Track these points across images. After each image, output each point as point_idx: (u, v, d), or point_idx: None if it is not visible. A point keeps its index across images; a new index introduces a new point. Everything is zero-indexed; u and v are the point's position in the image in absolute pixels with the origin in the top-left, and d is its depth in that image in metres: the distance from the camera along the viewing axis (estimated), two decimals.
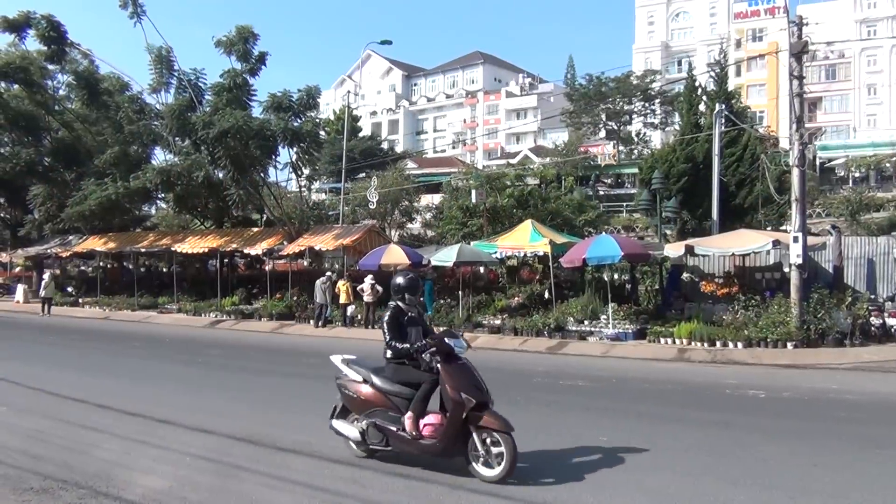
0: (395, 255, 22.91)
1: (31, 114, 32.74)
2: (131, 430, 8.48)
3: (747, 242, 18.01)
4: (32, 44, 31.36)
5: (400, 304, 7.08)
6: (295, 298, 26.04)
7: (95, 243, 32.08)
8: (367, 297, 22.05)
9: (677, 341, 17.05)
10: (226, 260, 31.08)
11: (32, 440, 8.07)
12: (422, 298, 22.30)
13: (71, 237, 34.15)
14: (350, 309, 22.71)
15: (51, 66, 32.73)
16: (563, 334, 18.71)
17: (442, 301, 23.07)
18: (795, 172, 17.03)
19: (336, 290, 23.03)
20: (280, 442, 7.92)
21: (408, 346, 6.77)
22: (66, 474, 6.77)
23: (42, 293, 29.48)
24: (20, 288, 34.83)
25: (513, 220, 29.09)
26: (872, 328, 16.54)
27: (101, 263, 34.72)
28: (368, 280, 22.11)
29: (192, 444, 7.88)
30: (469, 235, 29.37)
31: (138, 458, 7.38)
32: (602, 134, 63.44)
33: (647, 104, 61.63)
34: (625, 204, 48.64)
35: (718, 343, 16.53)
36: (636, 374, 13.26)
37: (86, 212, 30.20)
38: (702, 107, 32.75)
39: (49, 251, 34.18)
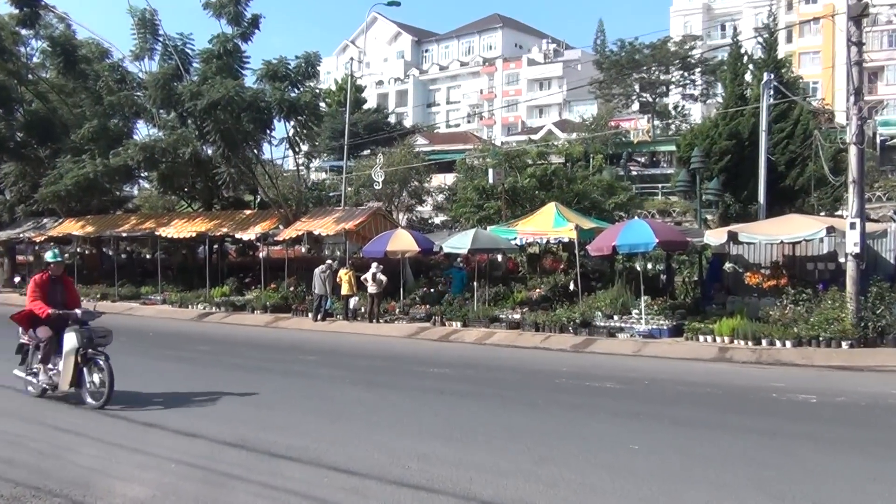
0: (402, 241, 22.93)
1: (1, 84, 32.85)
2: (111, 433, 8.54)
3: (798, 229, 17.85)
4: (3, 7, 31.56)
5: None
6: (291, 289, 26.16)
7: (72, 227, 32.29)
8: (371, 288, 22.11)
9: (718, 339, 16.98)
10: (215, 246, 31.23)
11: (2, 443, 8.16)
12: (449, 289, 22.64)
13: (45, 220, 34.43)
14: (353, 301, 22.79)
15: (23, 32, 32.86)
16: (590, 330, 18.68)
17: (447, 294, 23.11)
18: (853, 151, 16.80)
19: (337, 279, 23.11)
20: (274, 447, 7.94)
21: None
22: (40, 481, 6.82)
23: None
24: None
25: (534, 202, 29.02)
26: None
27: (78, 249, 34.90)
28: (373, 269, 22.16)
29: (177, 448, 7.92)
30: (485, 220, 29.37)
31: (118, 463, 7.42)
32: (635, 107, 62.98)
33: (686, 74, 61.10)
34: (660, 185, 48.38)
35: (764, 342, 16.44)
36: (671, 376, 13.22)
37: (61, 192, 30.41)
38: (748, 77, 32.41)
39: (21, 235, 34.41)
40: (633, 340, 17.73)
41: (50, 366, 10.20)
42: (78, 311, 10.21)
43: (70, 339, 9.95)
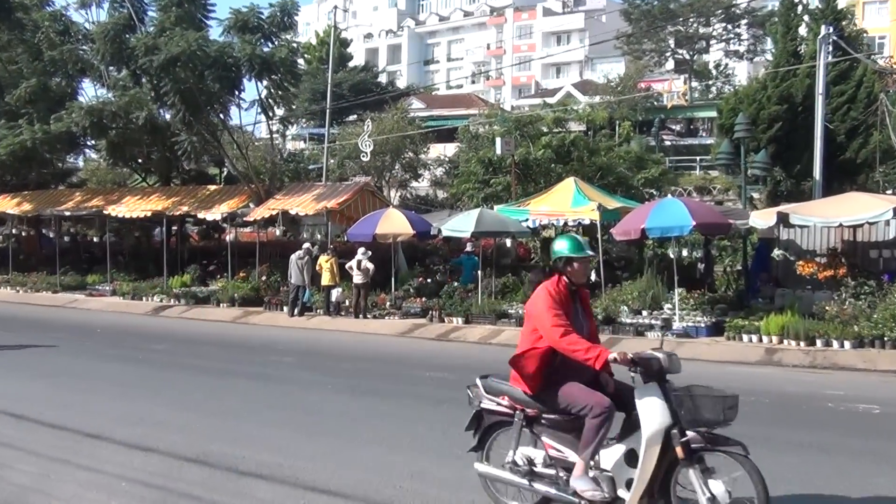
0: (394, 223, 22.91)
1: None
2: (52, 447, 8.55)
3: (860, 210, 17.77)
4: None
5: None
6: (264, 278, 26.16)
7: (6, 204, 32.27)
8: (357, 278, 22.11)
9: (765, 339, 16.99)
10: (174, 227, 31.26)
11: None
12: (459, 279, 22.64)
13: None
14: (335, 293, 22.81)
15: None
16: (614, 328, 18.69)
17: (456, 283, 23.14)
18: None
19: (317, 267, 23.10)
20: (243, 464, 7.95)
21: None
22: None
23: None
24: None
25: (550, 177, 28.97)
26: None
27: (13, 231, 34.87)
28: (359, 255, 22.15)
29: (129, 464, 7.93)
30: (492, 198, 29.34)
31: (61, 481, 7.43)
32: (669, 65, 62.79)
33: (729, 27, 60.83)
34: (698, 158, 48.30)
35: (819, 342, 16.44)
36: (710, 381, 13.10)
37: None
38: (802, 30, 32.28)
39: None
40: (666, 340, 17.70)
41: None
42: None
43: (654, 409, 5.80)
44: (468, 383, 7.06)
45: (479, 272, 22.01)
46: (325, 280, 22.82)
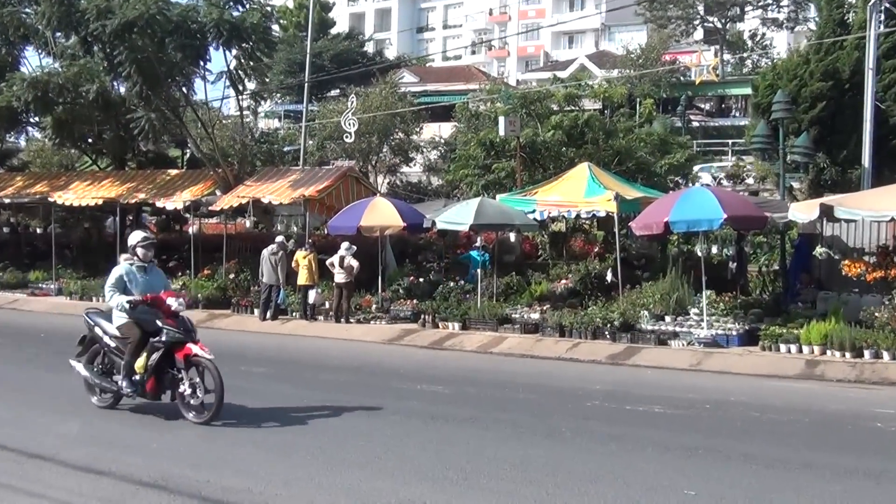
0: (382, 214, 22.92)
1: None
2: None
3: None
4: None
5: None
6: (232, 276, 26.14)
7: None
8: (338, 277, 22.11)
9: (805, 349, 17.02)
10: (129, 217, 31.14)
11: None
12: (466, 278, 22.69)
13: None
14: (313, 294, 22.80)
15: None
16: (633, 336, 18.71)
17: (452, 284, 23.15)
18: None
19: (293, 264, 23.09)
20: (207, 489, 7.96)
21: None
22: None
23: None
24: None
25: (560, 163, 28.98)
26: None
27: None
28: (342, 251, 22.14)
29: (78, 489, 7.94)
30: (494, 185, 29.36)
31: None
32: (698, 35, 62.85)
33: None
34: (730, 142, 48.40)
35: (867, 353, 16.45)
36: (742, 398, 13.26)
37: None
38: None
39: None
40: (691, 350, 17.76)
41: None
42: None
43: None
44: (466, 398, 7.07)
45: (479, 271, 22.04)
46: (303, 279, 22.79)
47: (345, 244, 22.32)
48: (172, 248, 30.70)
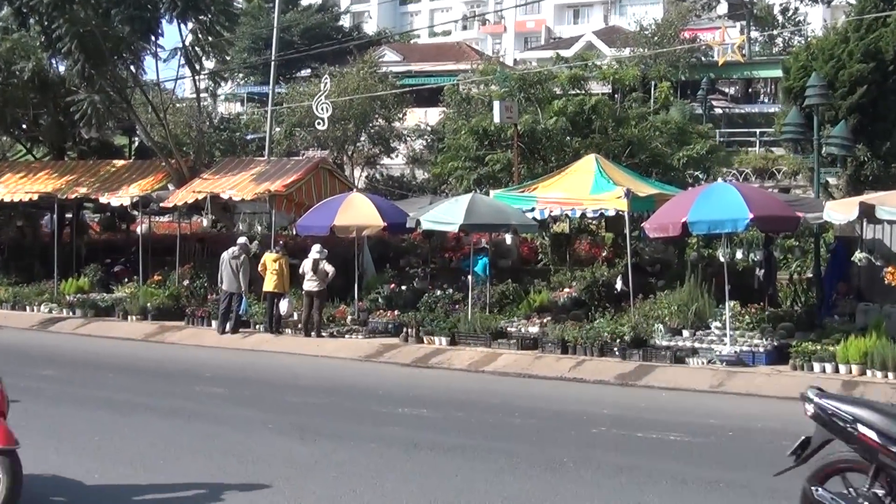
0: (359, 212, 22.88)
1: None
2: None
3: None
4: None
5: None
6: (186, 283, 26.05)
7: None
8: (309, 284, 22.04)
9: (842, 368, 17.04)
10: (69, 215, 31.02)
11: None
12: (468, 278, 22.67)
13: None
14: (285, 304, 22.67)
15: None
16: (646, 353, 18.70)
17: (440, 292, 23.15)
18: None
19: (261, 267, 23.04)
20: None
21: None
22: None
23: None
24: None
25: (564, 154, 28.96)
26: None
27: None
28: (313, 254, 22.10)
29: None
30: (488, 180, 29.29)
31: None
32: (722, 9, 63.00)
33: None
34: (758, 131, 48.46)
35: None
36: (770, 424, 13.26)
37: None
38: None
39: None
40: (713, 369, 17.75)
41: None
42: None
43: None
44: (454, 423, 7.09)
45: (470, 278, 22.02)
46: (270, 285, 22.70)
47: (316, 247, 22.22)
48: (118, 250, 30.61)
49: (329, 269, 21.97)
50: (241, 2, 44.78)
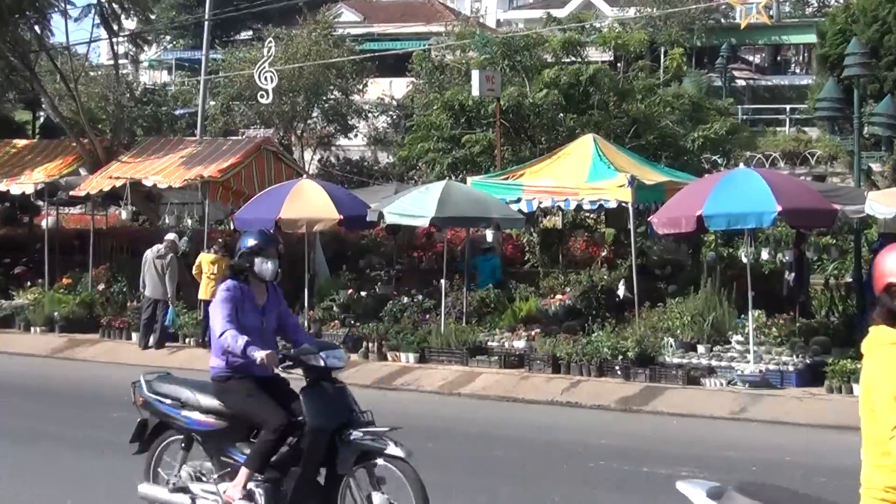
0: (310, 203, 22.88)
1: None
2: None
3: None
4: None
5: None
6: (101, 288, 25.93)
7: None
8: None
9: None
10: None
11: None
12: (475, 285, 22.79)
13: None
14: None
15: None
16: (654, 372, 18.78)
17: (406, 299, 23.15)
18: None
19: (195, 270, 22.99)
20: None
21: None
22: None
23: None
24: None
25: (556, 134, 29.01)
26: None
27: None
28: None
29: None
30: (465, 165, 29.30)
31: None
32: None
33: None
34: (787, 107, 48.67)
35: None
36: (802, 457, 13.36)
37: None
38: None
39: None
40: (733, 391, 17.85)
41: None
42: None
43: None
44: (422, 456, 7.22)
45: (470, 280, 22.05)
46: (205, 292, 22.58)
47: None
48: (19, 247, 30.45)
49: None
50: None
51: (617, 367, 19.03)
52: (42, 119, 35.07)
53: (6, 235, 33.58)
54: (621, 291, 21.66)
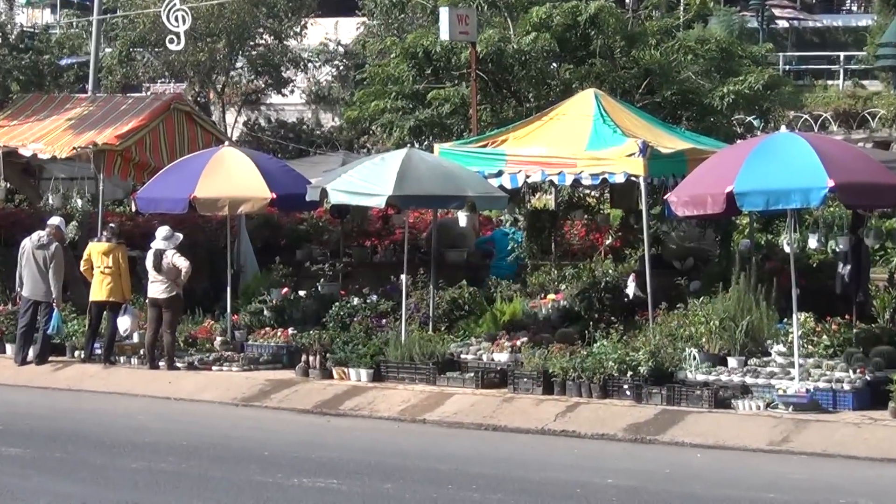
0: (233, 177, 22.94)
1: None
2: None
3: None
4: None
5: None
6: None
7: None
8: (152, 287, 22.02)
9: None
10: None
11: None
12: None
13: None
14: (126, 320, 22.57)
15: None
16: (673, 392, 18.72)
17: (357, 300, 23.12)
18: None
19: (84, 264, 22.92)
20: None
21: None
22: None
23: None
24: None
25: (547, 89, 28.99)
26: None
27: None
28: (160, 240, 22.02)
29: None
30: (432, 128, 29.24)
31: None
32: None
33: None
34: (841, 55, 48.80)
35: None
36: (862, 500, 13.34)
37: None
38: None
39: None
40: (773, 416, 17.77)
41: None
42: None
43: None
44: (376, 499, 7.21)
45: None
46: (101, 292, 22.59)
47: (162, 231, 22.11)
48: None
49: (182, 264, 21.80)
50: None
51: (626, 386, 18.94)
52: None
53: None
54: (631, 290, 21.61)
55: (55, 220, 23.63)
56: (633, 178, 21.08)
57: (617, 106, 23.06)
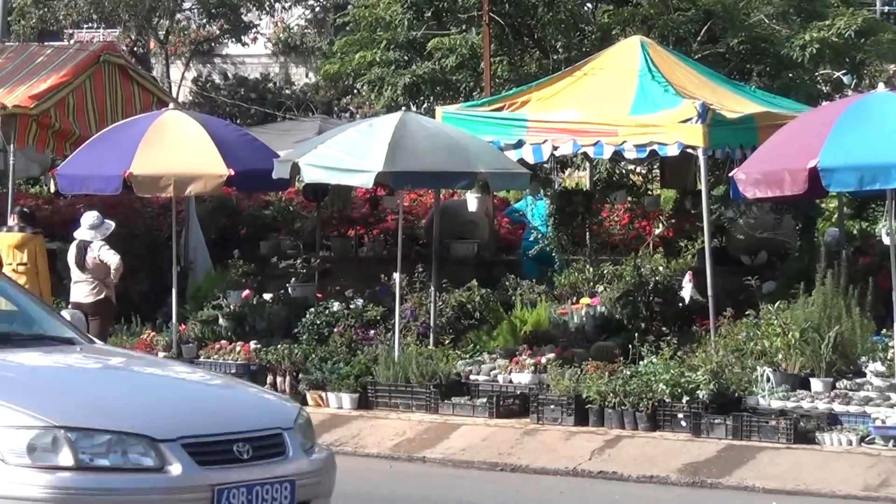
0: (181, 148, 22.85)
1: None
2: None
3: None
4: None
5: None
6: None
7: None
8: (76, 288, 22.07)
9: None
10: None
11: None
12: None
13: None
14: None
15: None
16: (740, 423, 18.66)
17: (338, 305, 22.99)
18: None
19: None
20: None
21: None
22: None
23: None
24: None
25: (580, 35, 28.88)
26: None
27: None
28: (85, 230, 21.88)
29: None
30: (432, 86, 29.16)
31: None
32: None
33: None
34: None
35: None
36: None
37: None
38: None
39: None
40: (868, 453, 17.72)
41: None
42: None
43: None
44: None
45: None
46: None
47: (90, 216, 22.01)
48: None
49: (111, 259, 21.71)
50: None
51: (680, 415, 18.88)
52: None
53: None
54: (687, 292, 21.51)
55: None
56: (689, 151, 21.03)
57: (669, 58, 22.99)
